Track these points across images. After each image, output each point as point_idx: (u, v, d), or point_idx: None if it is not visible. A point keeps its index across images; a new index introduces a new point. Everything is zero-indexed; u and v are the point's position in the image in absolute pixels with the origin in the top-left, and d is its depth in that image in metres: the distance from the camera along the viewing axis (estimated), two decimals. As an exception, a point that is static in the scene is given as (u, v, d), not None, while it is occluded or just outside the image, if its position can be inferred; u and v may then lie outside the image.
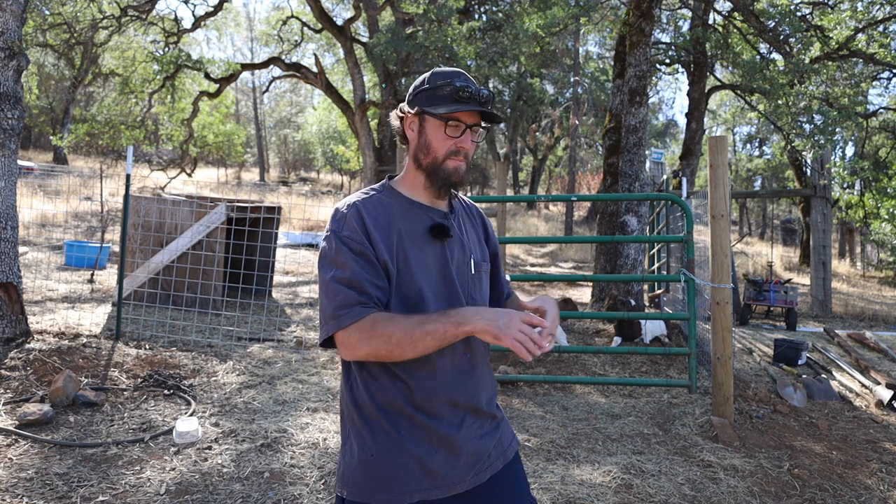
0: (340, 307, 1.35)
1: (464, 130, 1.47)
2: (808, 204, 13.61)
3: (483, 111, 1.46)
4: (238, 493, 3.04)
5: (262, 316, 7.24)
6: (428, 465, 1.41)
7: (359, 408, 1.44)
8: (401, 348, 1.32)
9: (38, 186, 15.95)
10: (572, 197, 5.28)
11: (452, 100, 1.45)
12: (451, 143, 1.47)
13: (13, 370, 4.34)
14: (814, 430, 4.41)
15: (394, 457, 1.40)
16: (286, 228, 15.46)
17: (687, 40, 12.44)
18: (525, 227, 22.72)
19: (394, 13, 15.60)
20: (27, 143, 30.92)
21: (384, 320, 1.33)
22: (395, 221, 1.45)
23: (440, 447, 1.43)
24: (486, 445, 1.51)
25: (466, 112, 1.46)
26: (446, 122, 1.46)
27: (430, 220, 1.49)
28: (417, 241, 1.46)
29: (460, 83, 1.46)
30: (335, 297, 1.36)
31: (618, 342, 6.52)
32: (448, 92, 1.45)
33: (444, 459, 1.43)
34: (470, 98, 1.44)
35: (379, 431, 1.41)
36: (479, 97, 1.45)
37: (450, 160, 1.47)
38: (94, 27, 16.70)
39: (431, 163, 1.48)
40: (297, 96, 45.42)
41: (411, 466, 1.40)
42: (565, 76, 26.03)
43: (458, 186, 1.51)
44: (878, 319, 10.04)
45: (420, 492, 1.40)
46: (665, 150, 30.34)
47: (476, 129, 1.50)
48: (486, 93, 1.46)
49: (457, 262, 1.51)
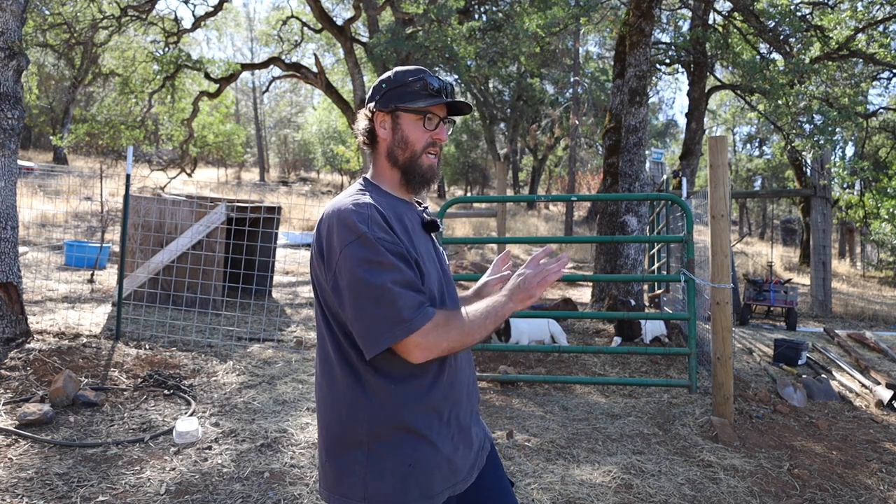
0: (408, 309, 1.30)
1: (438, 123, 1.50)
2: (808, 204, 13.62)
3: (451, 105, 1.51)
4: (238, 493, 3.04)
5: (262, 316, 7.24)
6: (454, 462, 1.44)
7: (382, 419, 1.37)
8: (472, 337, 1.36)
9: (38, 186, 15.95)
10: (572, 197, 5.28)
11: (427, 94, 1.48)
12: (428, 136, 1.49)
13: (13, 370, 4.34)
14: (814, 430, 4.41)
15: (430, 461, 1.39)
16: (286, 228, 15.46)
17: (687, 40, 12.44)
18: (525, 227, 22.72)
19: (394, 13, 15.60)
20: (27, 143, 30.91)
21: (453, 314, 1.37)
22: (402, 217, 1.46)
23: (460, 442, 1.47)
24: (481, 429, 1.59)
25: (437, 105, 1.49)
26: (424, 116, 1.48)
27: (420, 216, 1.53)
28: (419, 237, 1.48)
29: (430, 79, 1.49)
30: (396, 302, 1.29)
31: (618, 342, 6.52)
32: (420, 87, 1.48)
33: (463, 454, 1.47)
34: (441, 92, 1.49)
35: (414, 438, 1.37)
36: (448, 91, 1.50)
37: (425, 156, 1.49)
38: (94, 27, 16.69)
39: (409, 157, 1.49)
40: (297, 96, 45.42)
41: (443, 467, 1.41)
42: (565, 76, 26.02)
43: (432, 184, 1.52)
44: (878, 319, 10.04)
45: (449, 489, 1.43)
46: (665, 150, 30.34)
47: (448, 122, 1.53)
48: (452, 86, 1.52)
49: (440, 255, 1.58)
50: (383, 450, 1.37)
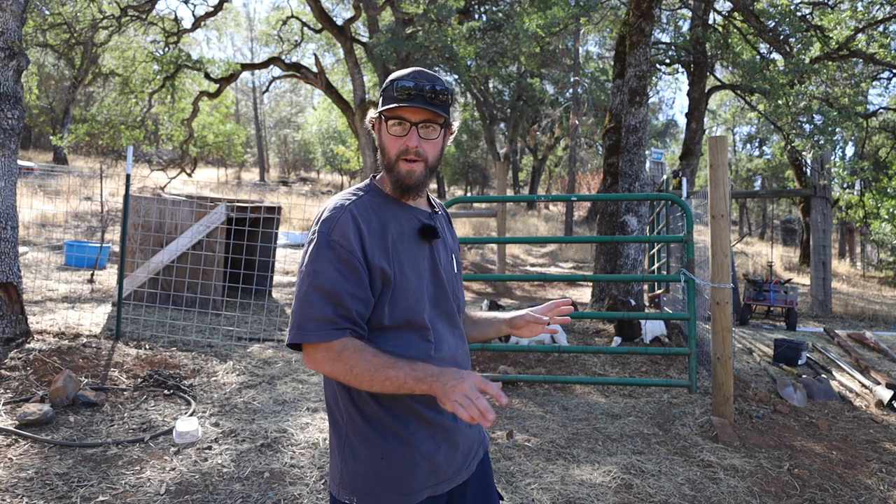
0: (311, 320, 1.32)
1: (409, 129, 1.42)
2: (808, 204, 13.61)
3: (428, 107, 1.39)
4: (238, 493, 3.04)
5: (262, 316, 7.24)
6: (434, 461, 1.43)
7: (360, 410, 1.41)
8: (359, 382, 1.31)
9: (38, 186, 15.95)
10: (572, 197, 5.28)
11: (394, 98, 1.41)
12: (399, 143, 1.43)
13: (13, 370, 4.34)
14: (814, 430, 4.41)
15: (404, 457, 1.40)
16: (286, 228, 15.46)
17: (687, 40, 12.44)
18: (525, 227, 22.72)
19: (394, 13, 15.59)
20: (27, 143, 30.92)
21: (352, 350, 1.31)
22: (388, 224, 1.43)
23: (443, 442, 1.45)
24: (474, 434, 1.56)
25: (411, 109, 1.41)
26: (387, 121, 1.44)
27: (417, 222, 1.49)
28: (408, 243, 1.45)
29: (404, 82, 1.40)
30: (308, 308, 1.33)
31: (618, 342, 6.52)
32: (391, 92, 1.42)
33: (446, 454, 1.45)
34: (409, 95, 1.39)
35: (387, 432, 1.40)
36: (423, 93, 1.39)
37: (402, 162, 1.43)
38: (94, 27, 16.69)
39: (387, 164, 1.46)
40: (297, 96, 45.43)
41: (421, 465, 1.41)
42: (565, 76, 26.01)
43: (414, 190, 1.46)
44: (878, 319, 10.04)
45: (428, 488, 1.43)
46: (665, 150, 30.33)
47: (428, 127, 1.43)
48: (431, 87, 1.40)
49: (443, 262, 1.52)
50: (358, 439, 1.41)
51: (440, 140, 1.48)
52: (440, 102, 1.42)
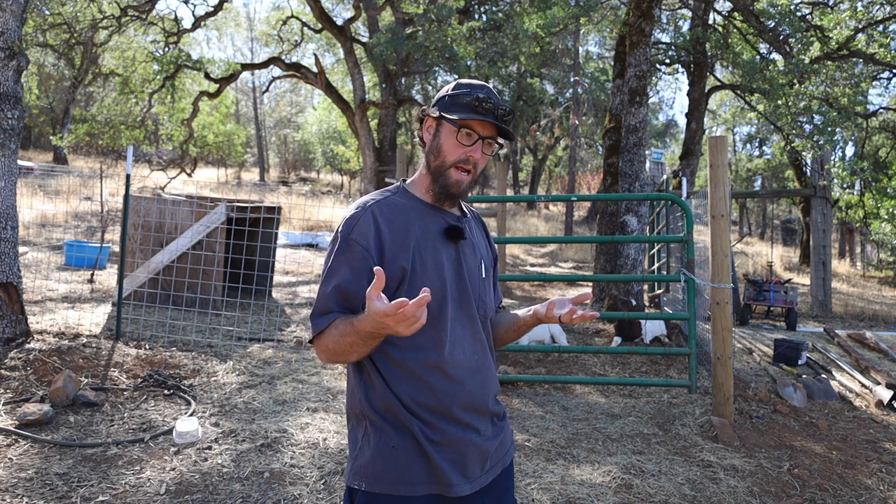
0: (318, 313, 1.41)
1: (476, 140, 1.48)
2: (808, 204, 13.61)
3: (500, 126, 1.47)
4: (238, 493, 3.04)
5: (262, 316, 7.24)
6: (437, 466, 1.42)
7: (372, 404, 1.45)
8: (344, 356, 1.37)
9: (38, 186, 15.95)
10: (572, 197, 5.28)
11: (470, 108, 1.47)
12: (461, 151, 1.48)
13: (13, 370, 4.34)
14: (814, 430, 4.41)
15: (411, 449, 1.42)
16: (286, 228, 15.46)
17: (687, 40, 12.44)
18: (525, 227, 22.72)
19: (394, 13, 15.60)
20: (27, 143, 30.92)
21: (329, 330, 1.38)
22: (412, 224, 1.46)
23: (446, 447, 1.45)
24: (490, 447, 1.53)
25: (481, 123, 1.47)
26: (459, 129, 1.48)
27: (444, 223, 1.51)
28: (433, 243, 1.47)
29: (482, 94, 1.47)
30: (318, 303, 1.42)
31: (618, 342, 6.52)
32: (468, 101, 1.47)
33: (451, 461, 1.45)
34: (487, 110, 1.46)
35: (398, 425, 1.43)
36: (497, 111, 1.47)
37: (455, 169, 1.49)
38: (94, 27, 16.68)
39: (438, 166, 1.50)
40: (297, 96, 45.42)
41: (422, 463, 1.42)
42: (565, 76, 26.02)
43: (457, 199, 1.52)
44: (878, 319, 10.04)
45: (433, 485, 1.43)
46: (665, 150, 30.31)
47: (490, 143, 1.51)
48: (505, 108, 1.47)
49: (468, 264, 1.54)
50: (373, 430, 1.45)
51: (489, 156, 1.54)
52: (506, 122, 1.50)
